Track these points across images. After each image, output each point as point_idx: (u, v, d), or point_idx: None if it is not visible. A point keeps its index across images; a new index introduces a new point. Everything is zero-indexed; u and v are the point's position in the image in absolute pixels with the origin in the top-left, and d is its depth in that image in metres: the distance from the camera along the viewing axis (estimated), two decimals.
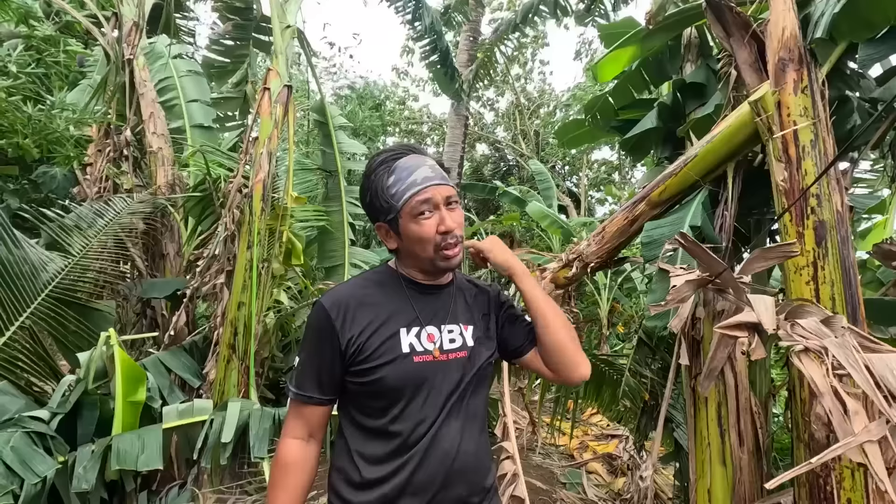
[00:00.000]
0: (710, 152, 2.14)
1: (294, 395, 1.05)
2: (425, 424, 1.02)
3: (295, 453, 1.04)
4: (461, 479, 1.05)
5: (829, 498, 1.66)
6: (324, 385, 1.04)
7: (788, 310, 1.40)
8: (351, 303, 1.03)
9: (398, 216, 1.03)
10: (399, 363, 1.01)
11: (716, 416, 2.32)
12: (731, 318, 1.43)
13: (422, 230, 1.02)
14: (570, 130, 3.80)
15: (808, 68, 1.87)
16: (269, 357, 3.46)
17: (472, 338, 1.11)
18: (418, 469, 1.00)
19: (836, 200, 1.81)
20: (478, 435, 1.10)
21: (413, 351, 1.03)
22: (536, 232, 8.66)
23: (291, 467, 1.03)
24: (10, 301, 2.49)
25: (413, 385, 1.02)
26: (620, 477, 3.86)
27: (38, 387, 2.54)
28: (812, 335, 1.25)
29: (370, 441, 1.03)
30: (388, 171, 1.04)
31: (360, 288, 1.08)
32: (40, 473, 1.96)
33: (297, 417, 1.06)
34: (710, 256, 1.67)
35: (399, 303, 1.07)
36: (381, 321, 1.03)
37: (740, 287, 1.57)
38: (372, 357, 1.01)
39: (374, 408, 1.03)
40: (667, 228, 2.31)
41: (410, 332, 1.04)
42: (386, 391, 1.01)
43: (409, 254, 1.07)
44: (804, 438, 1.76)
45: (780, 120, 1.87)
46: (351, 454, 1.04)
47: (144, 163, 3.84)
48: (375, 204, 1.06)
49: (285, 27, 3.56)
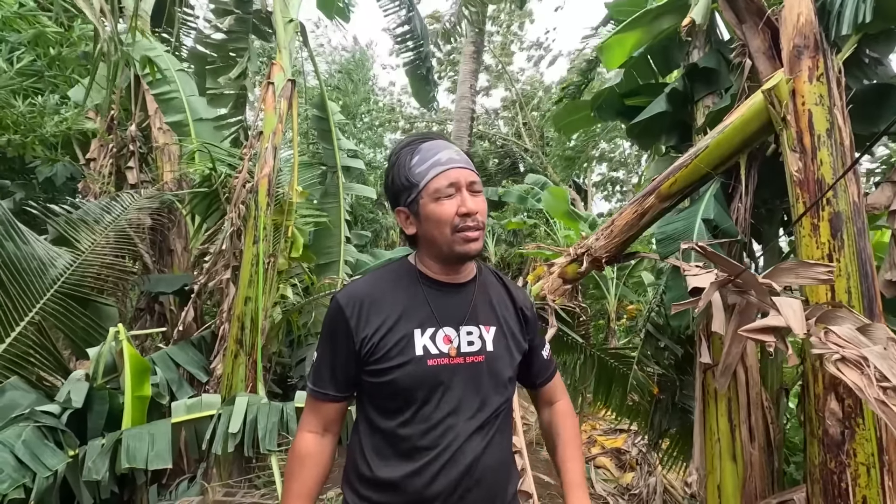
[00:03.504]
0: (722, 143, 2.10)
1: (310, 390, 1.06)
2: (438, 430, 0.98)
3: (310, 446, 1.04)
4: (479, 487, 1.00)
5: (843, 495, 1.63)
6: (339, 382, 1.03)
7: (819, 314, 1.36)
8: (366, 300, 1.01)
9: (419, 196, 0.98)
10: (412, 366, 0.97)
11: (726, 411, 2.29)
12: (757, 322, 1.40)
13: (442, 210, 0.97)
14: (566, 115, 3.59)
15: (824, 55, 1.82)
16: (276, 352, 3.47)
17: (492, 341, 1.06)
18: (431, 476, 0.97)
19: (853, 191, 1.76)
20: (500, 440, 1.05)
21: (427, 353, 0.99)
22: (542, 231, 8.57)
23: (306, 459, 1.03)
24: (19, 297, 2.51)
25: (427, 388, 0.98)
26: (629, 472, 3.84)
27: (48, 381, 2.56)
28: (848, 344, 1.22)
29: (381, 440, 1.02)
30: (412, 151, 1.01)
31: (376, 284, 1.05)
32: (52, 467, 1.98)
33: (313, 412, 1.06)
34: (730, 262, 1.62)
35: (415, 301, 1.02)
36: (395, 320, 0.99)
37: (763, 289, 1.51)
38: (385, 358, 0.98)
39: (388, 408, 1.01)
40: (680, 223, 2.27)
41: (425, 334, 1.00)
42: (399, 392, 0.99)
43: (428, 240, 1.01)
44: (818, 434, 1.73)
45: (794, 108, 1.82)
46: (364, 450, 1.03)
47: (151, 158, 3.84)
48: (397, 183, 1.01)
49: (288, 21, 3.53)
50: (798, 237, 1.84)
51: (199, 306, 3.28)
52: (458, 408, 1.00)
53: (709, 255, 1.62)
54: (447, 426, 0.99)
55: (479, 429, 1.01)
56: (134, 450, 2.08)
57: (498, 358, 1.06)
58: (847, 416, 1.65)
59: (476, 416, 1.01)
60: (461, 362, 1.01)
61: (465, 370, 1.01)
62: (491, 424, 1.04)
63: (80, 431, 2.21)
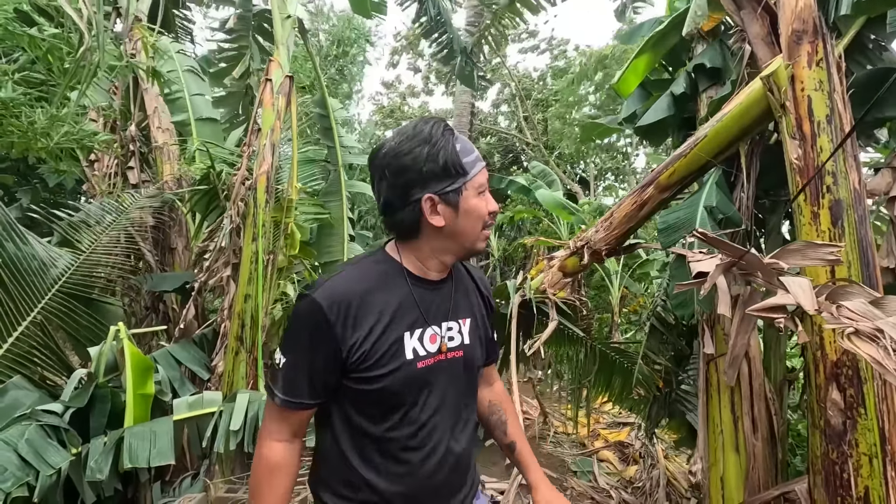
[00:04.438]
0: (721, 131, 2.07)
1: (282, 400, 0.94)
2: (425, 430, 0.98)
3: (280, 455, 0.97)
4: (458, 473, 1.03)
5: (845, 486, 1.62)
6: (316, 390, 0.95)
7: (829, 291, 1.34)
8: (353, 302, 0.92)
9: (463, 187, 0.93)
10: (403, 371, 0.94)
11: (729, 402, 2.27)
12: (765, 301, 1.37)
13: (481, 205, 0.96)
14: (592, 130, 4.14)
15: (823, 40, 1.78)
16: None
17: (468, 333, 1.06)
18: (423, 475, 0.98)
19: (853, 178, 1.74)
20: (471, 432, 1.07)
21: (416, 356, 0.96)
22: (545, 223, 8.55)
23: (276, 471, 0.96)
24: (21, 297, 2.53)
25: (415, 391, 0.97)
26: (632, 465, 3.83)
27: (51, 381, 2.58)
28: (861, 317, 1.20)
29: (367, 444, 0.97)
30: (453, 137, 0.93)
31: (360, 282, 0.95)
32: (55, 465, 2.00)
33: (280, 420, 0.97)
34: (731, 246, 1.60)
35: (403, 301, 0.97)
36: (385, 324, 0.94)
37: (770, 270, 1.49)
38: (376, 366, 0.92)
39: (373, 413, 0.96)
40: (682, 212, 2.25)
41: (414, 336, 0.97)
42: (386, 398, 0.95)
43: (457, 233, 0.95)
44: (820, 425, 1.71)
45: (793, 95, 1.79)
46: (345, 453, 0.98)
47: (151, 158, 3.86)
48: (437, 166, 0.91)
49: (286, 17, 3.52)
50: (798, 225, 1.82)
51: (200, 304, 3.29)
52: (442, 405, 1.00)
53: (710, 240, 1.60)
54: (433, 425, 0.98)
55: (458, 420, 1.04)
56: (136, 448, 2.09)
57: (473, 349, 1.07)
58: (849, 406, 1.64)
59: (456, 410, 1.03)
60: (443, 359, 1.00)
61: (448, 366, 1.01)
62: (467, 413, 1.07)
63: (82, 430, 2.22)
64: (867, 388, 1.60)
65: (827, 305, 1.30)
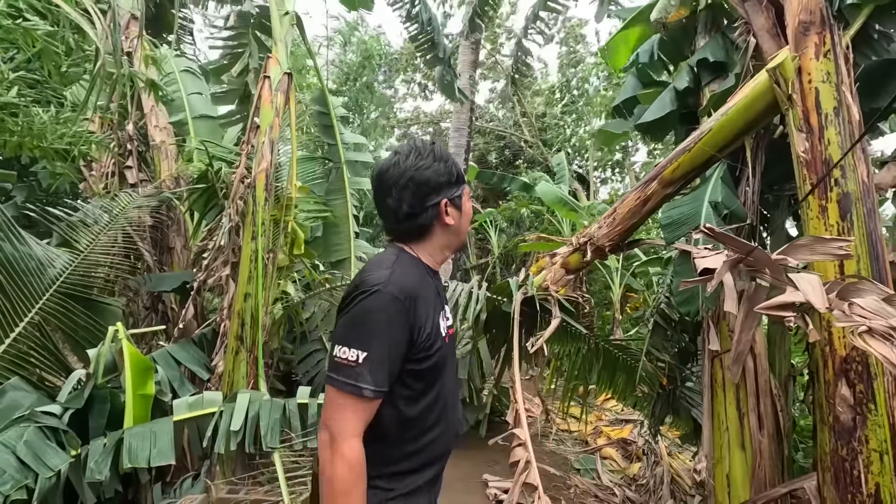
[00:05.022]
0: (726, 125, 2.04)
1: (374, 392, 0.98)
2: (447, 403, 1.13)
3: (361, 453, 0.99)
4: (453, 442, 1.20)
5: (855, 482, 1.60)
6: (392, 376, 1.02)
7: (839, 288, 1.31)
8: (412, 292, 1.05)
9: (461, 193, 1.15)
10: (443, 347, 1.10)
11: (734, 399, 2.25)
12: (773, 299, 1.35)
13: (469, 206, 1.19)
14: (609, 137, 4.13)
15: (830, 31, 1.76)
16: (278, 348, 3.45)
17: (450, 311, 1.25)
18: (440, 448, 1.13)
19: (861, 171, 1.71)
20: None
21: (446, 333, 1.14)
22: (546, 217, 8.55)
23: (362, 469, 0.99)
24: (18, 297, 2.50)
25: (444, 365, 1.12)
26: (635, 462, 3.81)
27: (49, 382, 2.55)
28: (874, 315, 1.17)
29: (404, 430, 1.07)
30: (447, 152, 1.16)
31: (411, 275, 1.09)
32: (54, 467, 1.97)
33: (362, 413, 0.99)
34: (739, 242, 1.58)
35: (433, 289, 1.15)
36: (431, 308, 1.09)
37: (777, 266, 1.46)
38: (433, 345, 1.07)
39: (415, 390, 1.07)
40: (687, 207, 2.23)
41: (440, 317, 1.13)
42: (431, 372, 1.08)
43: (457, 231, 1.16)
44: (828, 421, 1.69)
45: (800, 87, 1.76)
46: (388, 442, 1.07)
47: (149, 157, 3.82)
48: (447, 175, 1.11)
49: (284, 14, 3.48)
50: (806, 219, 1.79)
51: (200, 303, 3.26)
52: (450, 378, 1.16)
53: (717, 235, 1.57)
54: (446, 400, 1.14)
55: (456, 390, 1.22)
56: (136, 448, 2.07)
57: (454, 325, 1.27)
58: (858, 401, 1.61)
59: (454, 382, 1.21)
60: (452, 334, 1.20)
61: (451, 342, 1.18)
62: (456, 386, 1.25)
63: (81, 431, 2.20)
64: (877, 383, 1.58)
65: (838, 303, 1.27)
